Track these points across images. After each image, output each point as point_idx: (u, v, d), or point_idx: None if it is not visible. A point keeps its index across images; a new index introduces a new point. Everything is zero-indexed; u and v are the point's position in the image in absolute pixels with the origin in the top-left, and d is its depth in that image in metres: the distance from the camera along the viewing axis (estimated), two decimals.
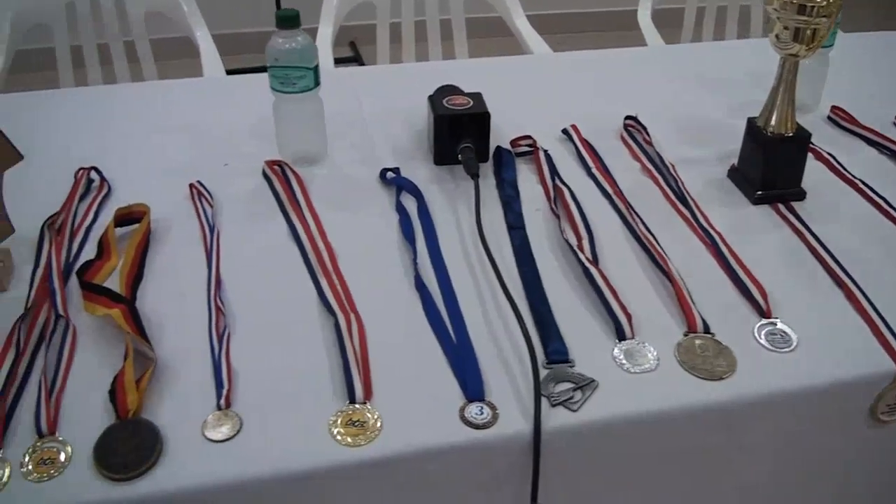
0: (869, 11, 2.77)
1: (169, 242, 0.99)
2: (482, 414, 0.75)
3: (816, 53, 1.02)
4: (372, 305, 0.88)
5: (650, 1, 1.95)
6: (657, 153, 1.16)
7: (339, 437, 0.73)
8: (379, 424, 0.74)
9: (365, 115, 1.29)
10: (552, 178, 1.10)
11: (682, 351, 0.83)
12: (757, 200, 1.07)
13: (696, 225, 1.02)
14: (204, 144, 1.20)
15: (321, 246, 0.97)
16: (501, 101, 1.13)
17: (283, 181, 1.09)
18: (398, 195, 1.06)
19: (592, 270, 0.91)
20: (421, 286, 0.90)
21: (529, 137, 1.18)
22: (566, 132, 1.22)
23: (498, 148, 1.15)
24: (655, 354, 0.82)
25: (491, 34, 2.19)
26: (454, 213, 1.04)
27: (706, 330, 0.85)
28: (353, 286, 0.91)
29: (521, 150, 1.17)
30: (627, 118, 1.24)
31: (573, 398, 0.77)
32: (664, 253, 0.95)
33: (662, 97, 1.35)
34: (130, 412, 0.75)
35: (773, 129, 1.05)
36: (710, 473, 0.84)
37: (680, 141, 1.21)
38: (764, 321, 0.87)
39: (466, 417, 0.75)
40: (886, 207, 1.06)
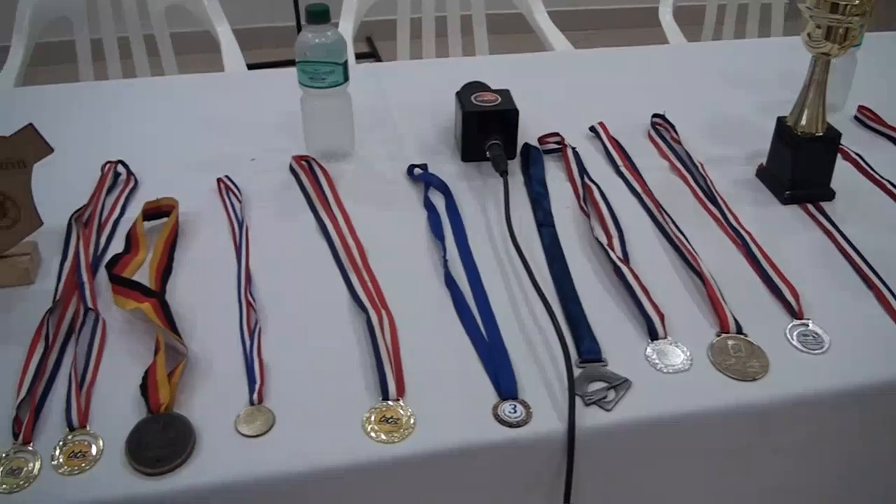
0: (894, 11, 2.75)
1: (197, 237, 0.99)
2: (516, 412, 0.75)
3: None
4: (402, 302, 0.88)
5: None
6: (686, 152, 1.15)
7: (373, 433, 0.73)
8: (412, 421, 0.74)
9: (391, 110, 1.29)
10: (581, 175, 1.09)
11: (714, 351, 0.82)
12: (786, 200, 1.06)
13: (725, 224, 1.01)
14: (229, 139, 1.20)
15: (350, 242, 0.96)
16: (526, 97, 1.12)
17: (310, 176, 1.09)
18: (426, 191, 1.06)
19: (624, 269, 0.90)
20: (451, 283, 0.90)
21: (557, 135, 1.17)
22: (594, 130, 1.21)
23: (526, 145, 1.14)
24: (688, 355, 0.82)
25: (511, 30, 2.18)
26: (483, 210, 1.04)
27: (739, 330, 0.85)
28: (382, 282, 0.91)
29: (548, 147, 1.16)
30: (655, 116, 1.23)
31: (607, 397, 0.77)
32: (695, 252, 0.95)
33: (687, 95, 1.34)
34: (162, 406, 0.75)
35: (803, 128, 1.04)
36: (740, 475, 0.83)
37: (707, 139, 1.20)
38: (796, 322, 0.86)
39: (500, 416, 0.74)
40: None
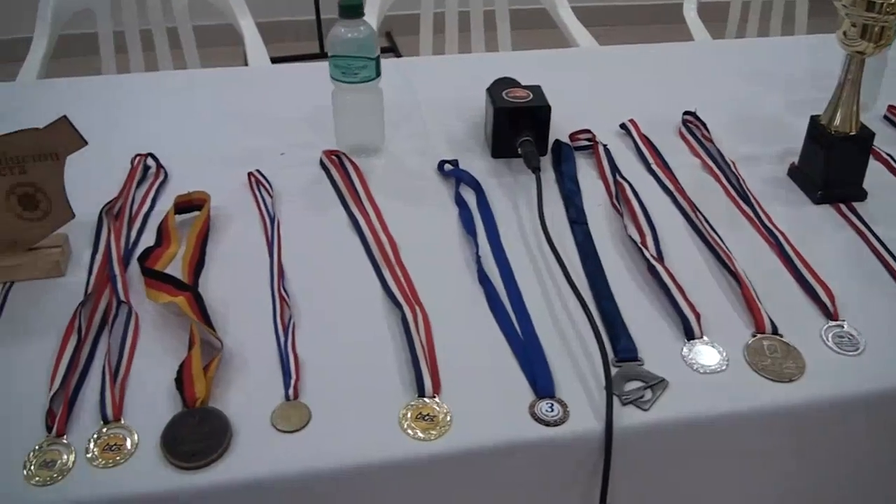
0: None
1: (228, 231, 0.99)
2: (553, 411, 0.74)
3: None
4: (435, 298, 0.88)
5: None
6: (717, 150, 1.14)
7: (409, 431, 0.72)
8: (449, 419, 0.74)
9: (418, 105, 1.28)
10: (612, 173, 1.09)
11: (750, 352, 0.82)
12: (818, 200, 1.05)
13: (758, 224, 1.00)
14: (257, 133, 1.20)
15: (383, 238, 0.96)
16: (553, 94, 1.11)
17: (341, 171, 1.08)
18: (457, 187, 1.05)
19: (659, 268, 0.89)
20: (485, 280, 0.89)
21: (588, 132, 1.16)
22: (624, 127, 1.20)
23: (557, 141, 1.13)
24: (725, 355, 0.81)
25: (533, 26, 2.18)
26: (514, 206, 1.03)
27: (774, 331, 0.84)
28: (415, 278, 0.90)
29: (578, 144, 1.15)
30: (686, 113, 1.22)
31: (644, 397, 0.76)
32: (729, 251, 0.94)
33: (715, 93, 1.33)
34: (198, 401, 0.74)
35: (836, 127, 1.03)
36: (776, 476, 0.83)
37: (736, 138, 1.19)
38: (831, 323, 0.85)
39: (537, 414, 0.74)
40: None
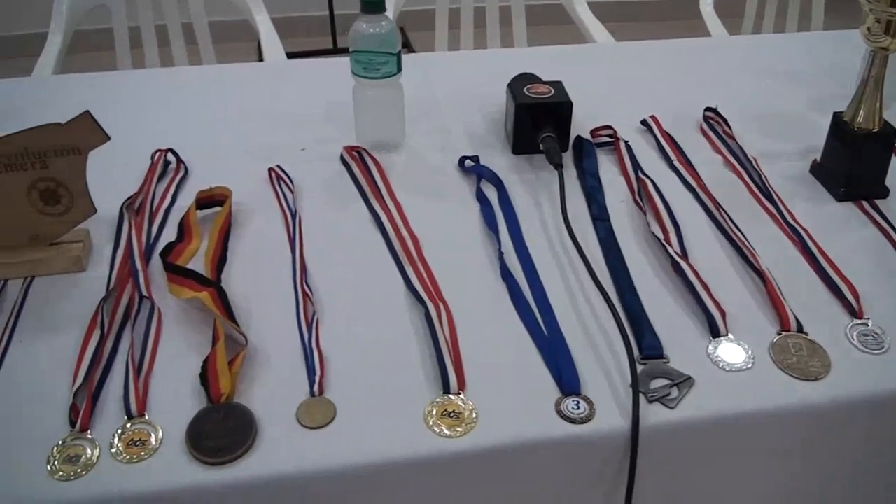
0: None
1: (249, 226, 0.99)
2: (579, 409, 0.74)
3: None
4: (459, 295, 0.87)
5: None
6: (739, 146, 1.13)
7: (435, 427, 0.72)
8: (474, 416, 0.73)
9: (438, 101, 1.28)
10: (634, 169, 1.08)
11: (776, 350, 0.81)
12: (841, 197, 1.04)
13: (782, 221, 0.99)
14: (276, 129, 1.19)
15: (405, 234, 0.95)
16: (571, 90, 1.11)
17: (362, 167, 1.08)
18: (478, 183, 1.05)
19: (683, 265, 0.89)
20: (508, 276, 0.89)
21: (609, 127, 1.16)
22: (645, 123, 1.19)
23: (578, 138, 1.12)
24: (750, 353, 0.81)
25: (549, 21, 2.17)
26: (536, 203, 1.03)
27: (800, 329, 0.83)
28: (437, 275, 0.90)
29: (599, 140, 1.15)
30: (707, 110, 1.21)
31: (670, 395, 0.76)
32: (753, 249, 0.93)
33: (735, 89, 1.32)
34: (223, 396, 0.74)
35: (860, 124, 1.02)
36: (801, 474, 0.82)
37: (756, 134, 1.18)
38: (856, 321, 0.85)
39: (563, 412, 0.74)
40: None
